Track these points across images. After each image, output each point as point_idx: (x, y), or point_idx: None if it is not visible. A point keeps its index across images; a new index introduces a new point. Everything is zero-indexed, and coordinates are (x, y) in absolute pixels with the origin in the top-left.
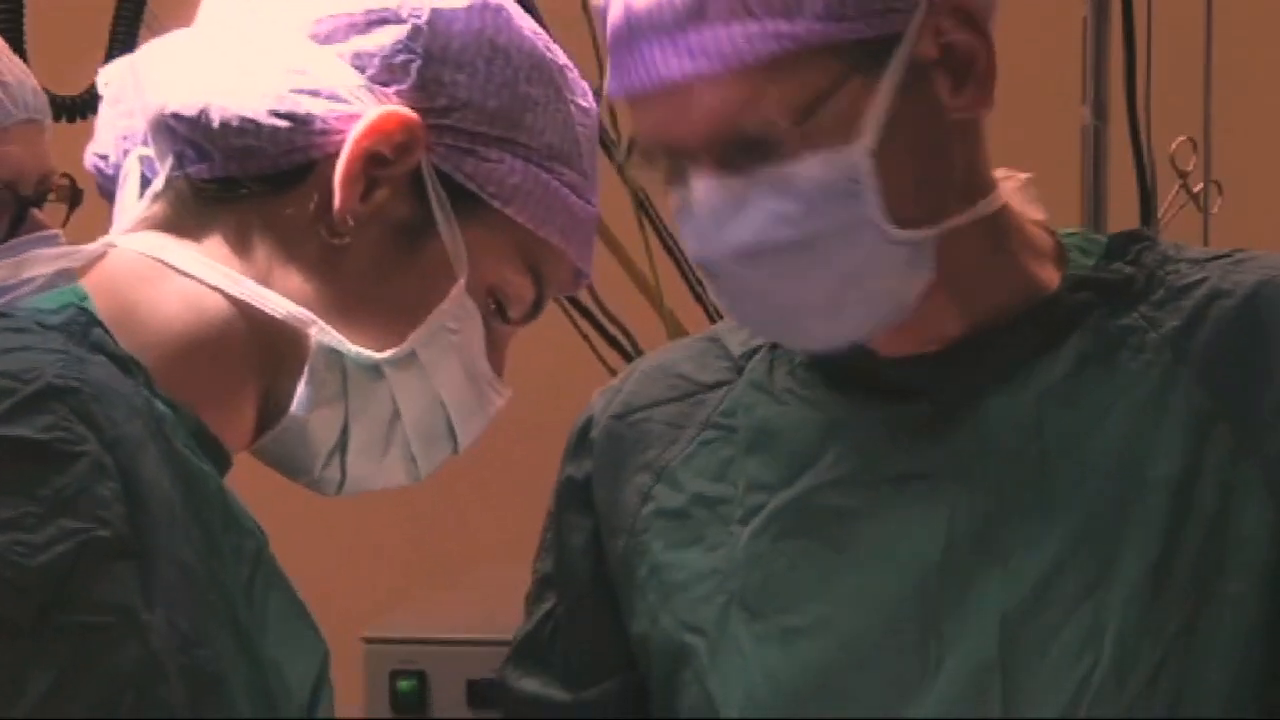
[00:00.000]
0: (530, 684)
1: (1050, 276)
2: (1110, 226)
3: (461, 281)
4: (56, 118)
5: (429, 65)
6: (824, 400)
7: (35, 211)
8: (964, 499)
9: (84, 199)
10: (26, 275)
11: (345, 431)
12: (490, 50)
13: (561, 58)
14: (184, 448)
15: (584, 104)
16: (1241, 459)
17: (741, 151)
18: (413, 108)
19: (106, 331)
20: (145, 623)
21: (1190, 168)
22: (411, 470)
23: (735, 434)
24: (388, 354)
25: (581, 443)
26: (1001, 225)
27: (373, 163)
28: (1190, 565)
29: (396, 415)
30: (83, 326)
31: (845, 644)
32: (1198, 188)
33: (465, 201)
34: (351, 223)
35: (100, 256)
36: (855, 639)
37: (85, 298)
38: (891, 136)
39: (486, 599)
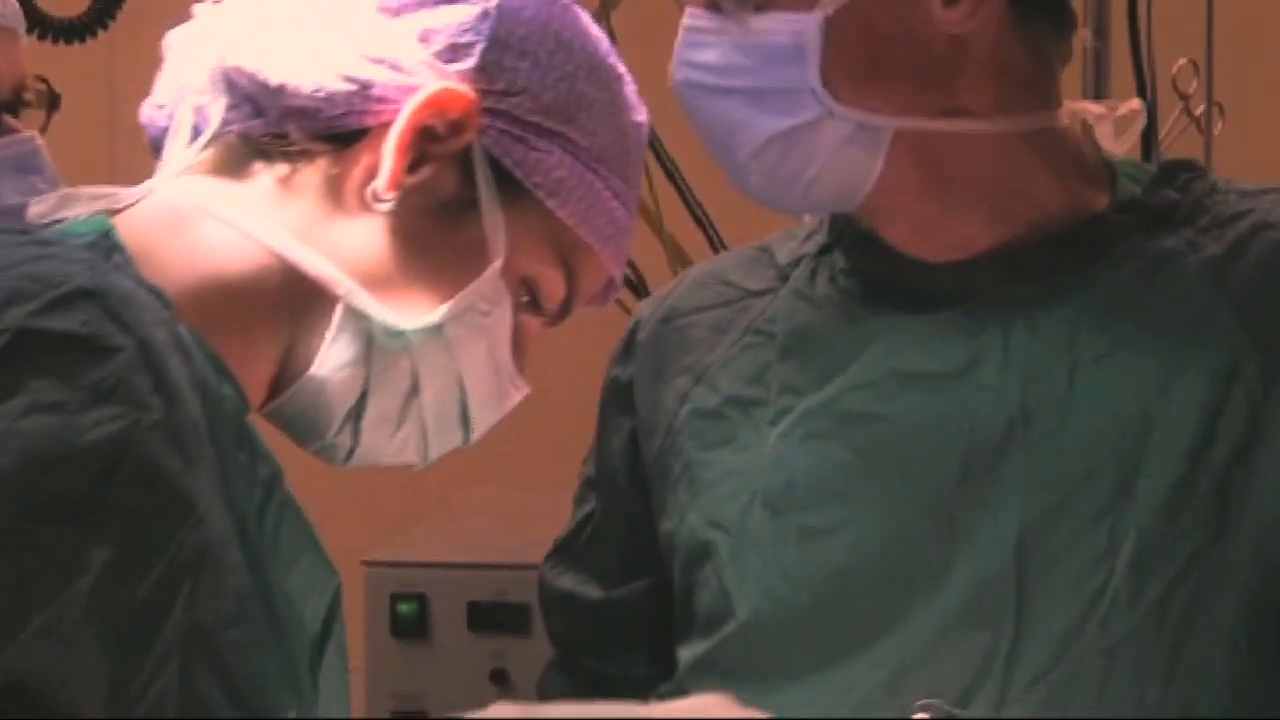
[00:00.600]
0: (565, 581)
1: (1098, 199)
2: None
3: (497, 264)
4: (54, 39)
5: (492, 48)
6: (860, 307)
7: (10, 118)
8: (989, 409)
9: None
10: (65, 213)
11: (363, 399)
12: (554, 43)
13: (620, 67)
14: (204, 367)
15: (637, 118)
16: (1272, 390)
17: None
18: (471, 88)
19: (127, 260)
20: (202, 512)
21: (1192, 90)
22: (421, 450)
23: (774, 339)
24: (416, 322)
25: (628, 346)
26: (1047, 144)
27: (424, 136)
28: (1211, 490)
29: (415, 390)
30: (105, 250)
31: (861, 547)
32: (1199, 110)
33: (509, 188)
34: (395, 192)
35: (141, 199)
36: (872, 542)
37: (111, 229)
38: (854, 17)
39: (486, 523)
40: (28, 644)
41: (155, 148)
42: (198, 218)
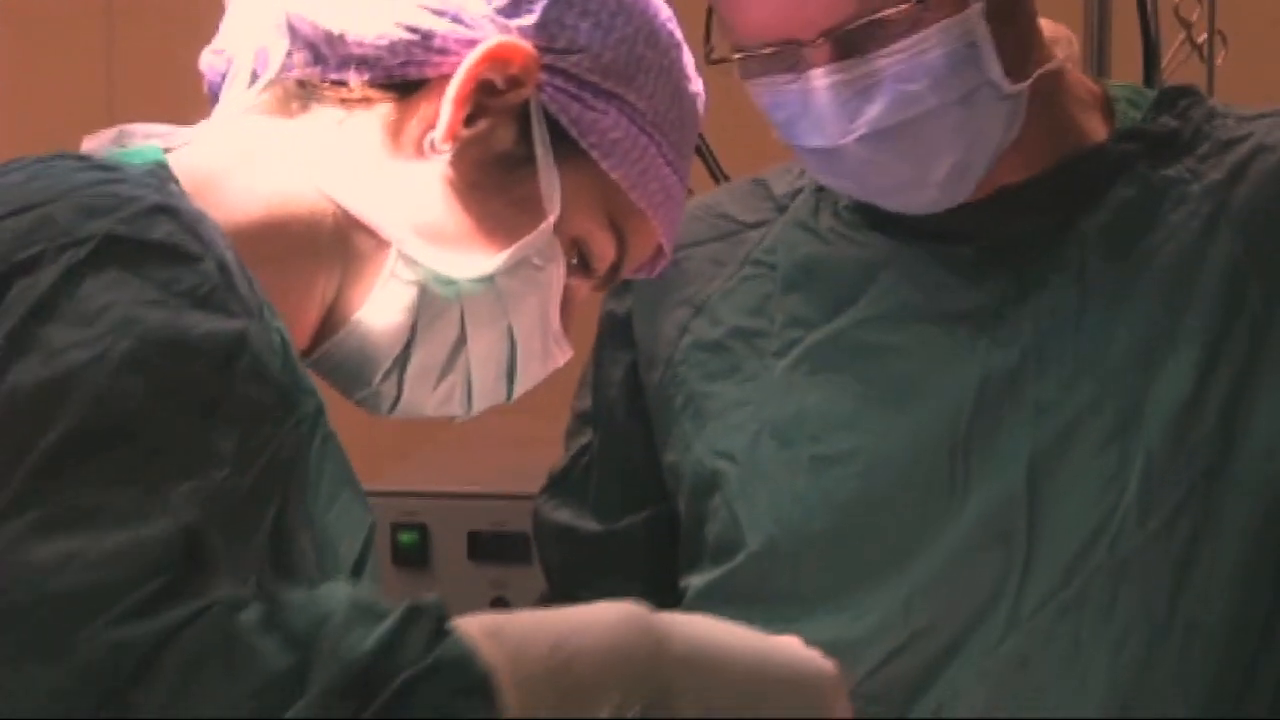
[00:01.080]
0: (563, 515)
1: (1098, 129)
2: (1113, 78)
3: (552, 219)
4: None
5: (554, 5)
6: (868, 241)
7: None
8: (1000, 341)
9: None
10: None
11: (409, 348)
12: (615, 5)
13: (679, 34)
14: (261, 295)
15: (693, 87)
16: (1275, 312)
17: (862, 36)
18: (532, 44)
19: (182, 192)
20: (299, 415)
21: (1194, 19)
22: (465, 402)
23: (775, 271)
24: (469, 272)
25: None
26: (1048, 86)
27: (483, 90)
28: (1217, 412)
29: (462, 341)
30: (162, 179)
31: (874, 475)
32: (1201, 39)
33: (564, 147)
34: (452, 144)
35: (196, 139)
36: (884, 471)
37: (164, 161)
38: None
39: (488, 453)
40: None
41: (213, 95)
42: (252, 158)
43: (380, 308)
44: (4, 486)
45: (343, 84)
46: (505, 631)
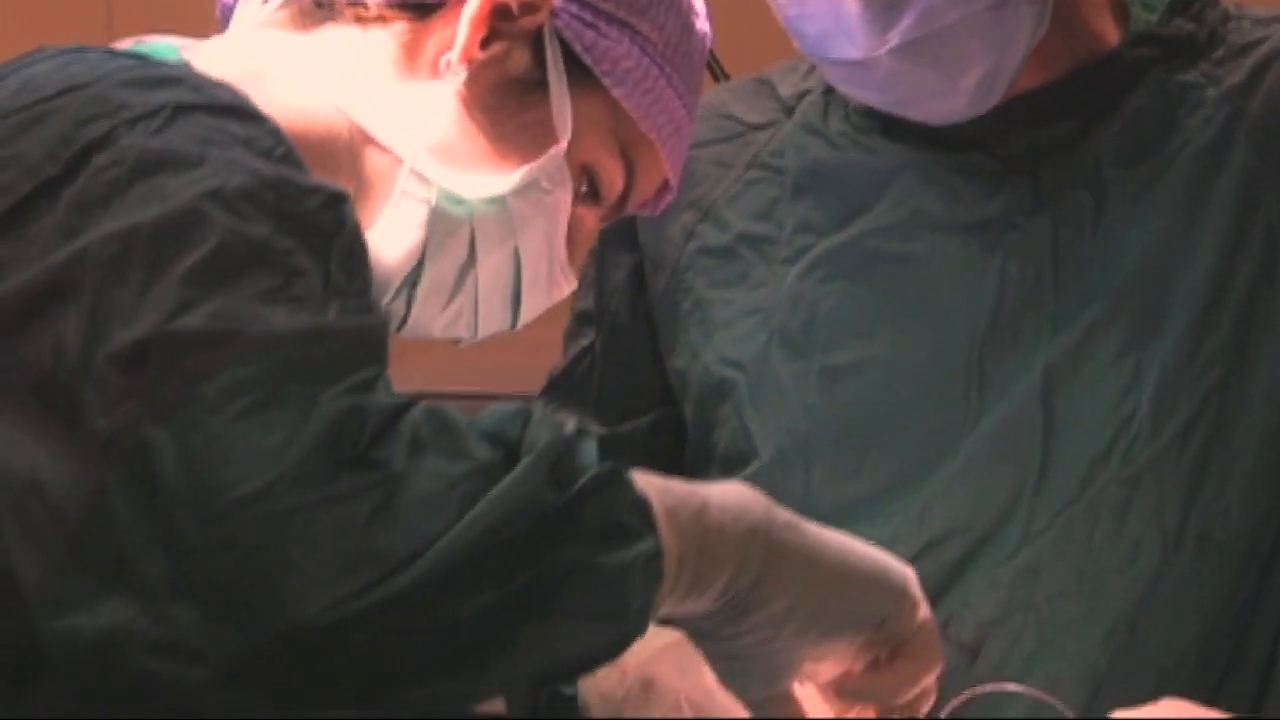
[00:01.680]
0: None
1: (1111, 33)
2: None
3: (563, 144)
4: None
5: None
6: (881, 147)
7: None
8: (1017, 251)
9: None
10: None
11: (419, 267)
12: None
13: None
14: None
15: (702, 25)
16: None
17: None
18: None
19: None
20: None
21: None
22: (471, 324)
23: (783, 175)
24: (480, 191)
25: None
26: None
27: (499, 13)
28: (1232, 321)
29: (471, 262)
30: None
31: (887, 385)
32: None
33: (577, 74)
34: (467, 65)
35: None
36: (897, 383)
37: (187, 62)
38: None
39: (486, 353)
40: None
41: (224, 17)
42: (268, 71)
43: (392, 225)
44: (154, 300)
45: (360, 3)
46: (648, 476)
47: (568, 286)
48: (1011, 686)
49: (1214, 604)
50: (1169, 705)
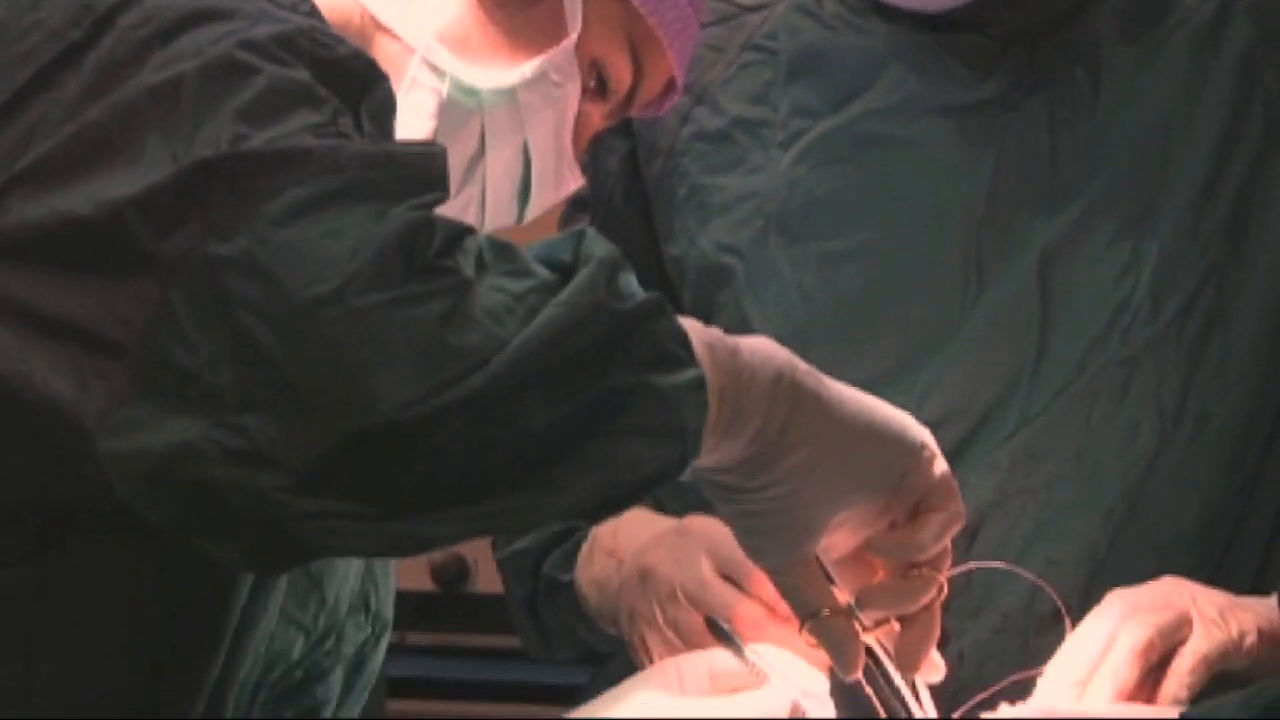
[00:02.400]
0: None
1: None
2: None
3: (573, 36)
4: None
5: None
6: (876, 29)
7: None
8: (1013, 133)
9: None
10: None
11: None
12: None
13: None
14: None
15: None
16: None
17: None
18: None
19: None
20: None
21: None
22: (479, 217)
23: (777, 57)
24: (491, 81)
25: None
26: None
27: None
28: (1232, 199)
29: (481, 154)
30: None
31: (885, 270)
32: None
33: None
34: None
35: None
36: (895, 266)
37: None
38: None
39: None
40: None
41: None
42: None
43: (402, 115)
44: (207, 136)
45: None
46: (682, 316)
47: (574, 183)
48: (995, 563)
49: (1213, 484)
50: (1168, 585)
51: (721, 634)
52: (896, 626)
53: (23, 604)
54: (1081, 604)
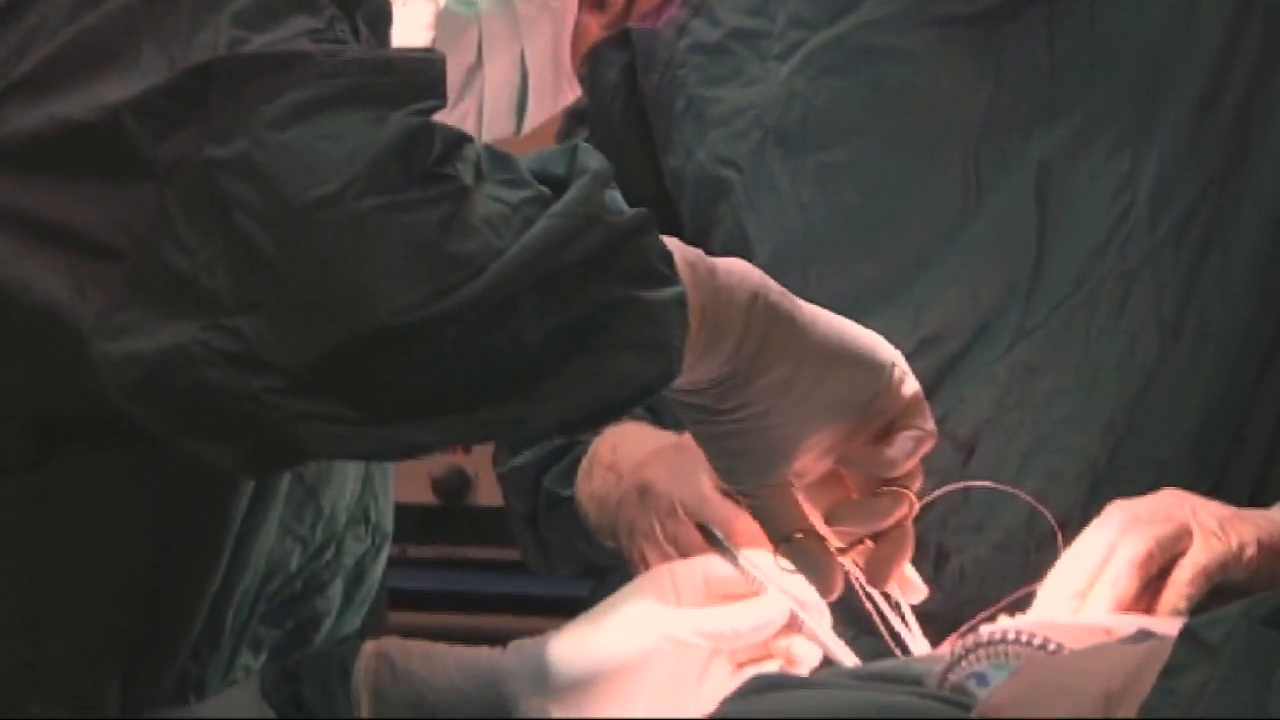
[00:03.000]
0: None
1: None
2: None
3: None
4: None
5: None
6: None
7: None
8: (1012, 43)
9: None
10: None
11: None
12: None
13: None
14: None
15: None
16: None
17: None
18: None
19: None
20: None
21: None
22: (476, 129)
23: None
24: None
25: None
26: None
27: None
28: (1232, 112)
29: (478, 64)
30: None
31: (882, 183)
32: None
33: None
34: None
35: None
36: (893, 179)
37: None
38: None
39: None
40: None
41: None
42: None
43: (400, 25)
44: (205, 40)
45: None
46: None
47: (572, 94)
48: (987, 483)
49: (1212, 396)
50: (1167, 497)
51: (717, 543)
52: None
53: (23, 512)
54: (1081, 517)
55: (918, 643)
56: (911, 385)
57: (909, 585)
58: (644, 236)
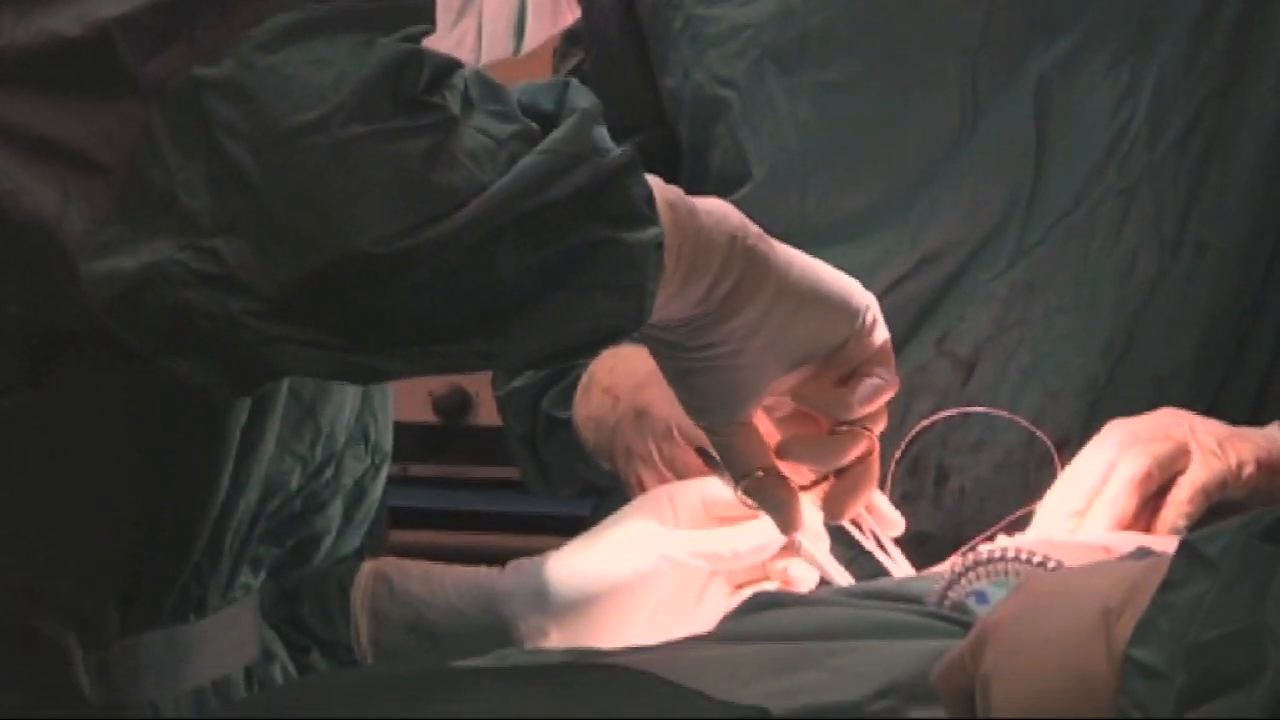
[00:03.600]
0: None
1: None
2: None
3: None
4: None
5: None
6: None
7: None
8: None
9: None
10: None
11: None
12: None
13: None
14: None
15: None
16: None
17: None
18: None
19: None
20: None
21: None
22: (476, 49)
23: None
24: None
25: None
26: None
27: None
28: (1230, 26)
29: None
30: None
31: (880, 101)
32: None
33: None
34: None
35: None
36: (890, 96)
37: None
38: None
39: None
40: None
41: None
42: None
43: None
44: None
45: None
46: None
47: (570, 15)
48: (979, 409)
49: (1212, 313)
50: (1166, 415)
51: (715, 465)
52: None
53: (21, 430)
54: (1081, 435)
55: (901, 570)
56: (882, 333)
57: (884, 519)
58: (628, 177)
